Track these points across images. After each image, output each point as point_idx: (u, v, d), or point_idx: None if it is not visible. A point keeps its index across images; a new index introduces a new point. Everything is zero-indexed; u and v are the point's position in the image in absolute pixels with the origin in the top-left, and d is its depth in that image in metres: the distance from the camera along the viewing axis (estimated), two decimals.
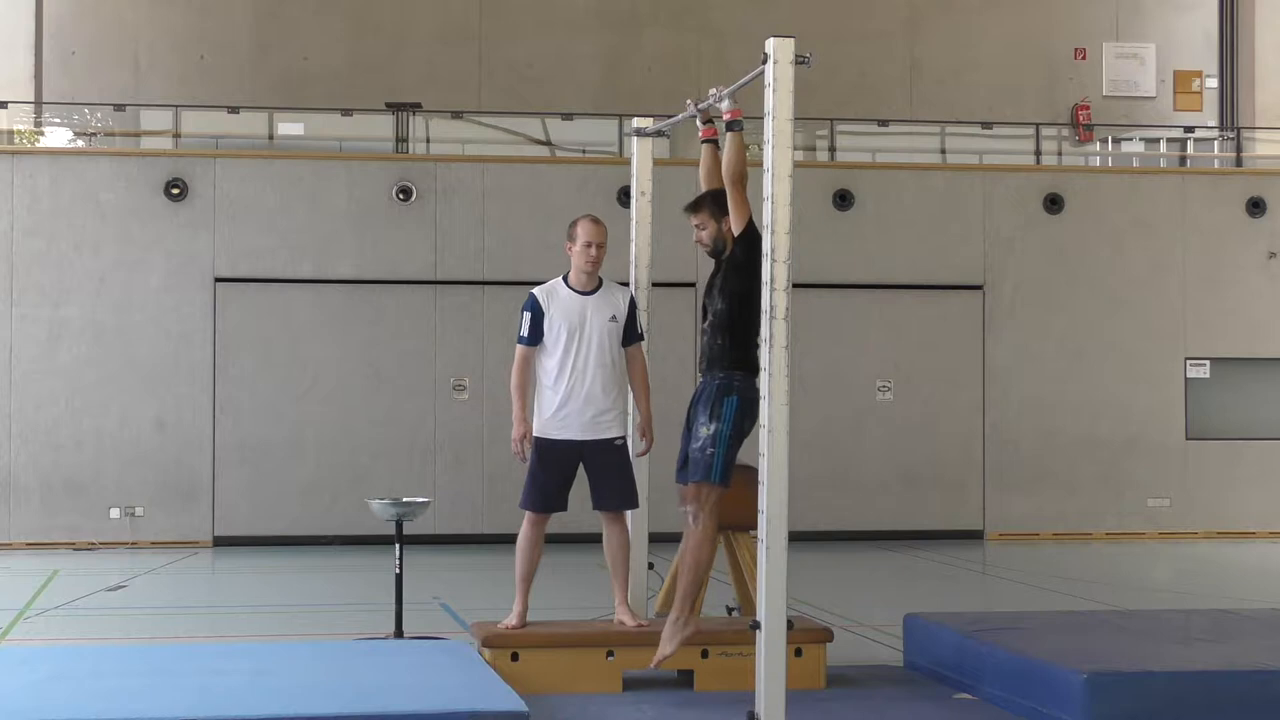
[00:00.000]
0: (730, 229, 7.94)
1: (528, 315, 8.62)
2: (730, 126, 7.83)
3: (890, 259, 17.32)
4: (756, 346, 7.39)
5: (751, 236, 7.74)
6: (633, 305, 8.74)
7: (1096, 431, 17.52)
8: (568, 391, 8.53)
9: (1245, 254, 17.87)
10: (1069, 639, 8.34)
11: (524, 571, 8.64)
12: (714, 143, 8.41)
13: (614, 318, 8.62)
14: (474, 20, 19.65)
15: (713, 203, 8.08)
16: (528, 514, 8.65)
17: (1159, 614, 10.17)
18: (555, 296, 8.64)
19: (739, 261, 7.87)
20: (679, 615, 7.99)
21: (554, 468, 8.57)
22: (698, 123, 8.56)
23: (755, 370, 7.55)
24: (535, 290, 8.70)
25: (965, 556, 15.98)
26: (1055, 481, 17.44)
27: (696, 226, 8.17)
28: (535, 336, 8.59)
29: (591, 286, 8.66)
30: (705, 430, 7.89)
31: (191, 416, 16.27)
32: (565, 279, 8.70)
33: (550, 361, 8.57)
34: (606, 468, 8.60)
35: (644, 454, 8.84)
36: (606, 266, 8.75)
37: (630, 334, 8.70)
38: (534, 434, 8.59)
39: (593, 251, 8.61)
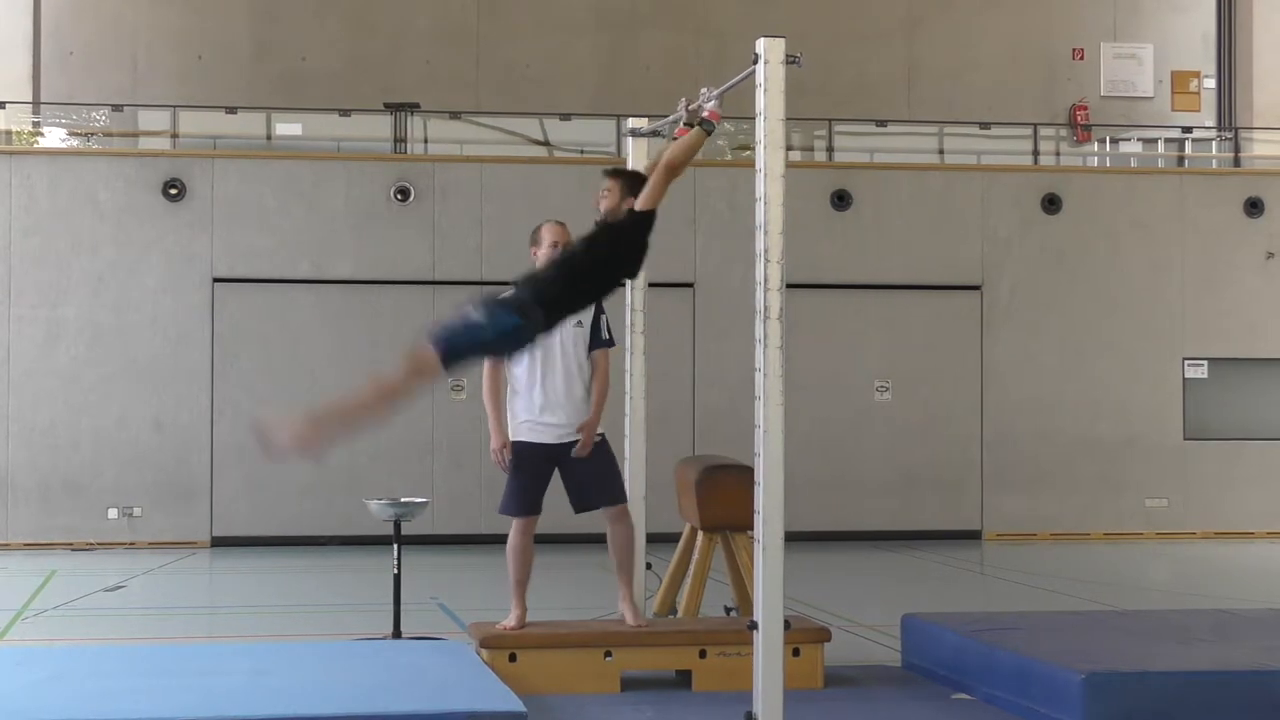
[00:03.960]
0: (628, 206, 7.42)
1: None
2: (703, 124, 7.53)
3: (888, 259, 17.31)
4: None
5: (648, 221, 7.32)
6: (599, 311, 8.69)
7: (1094, 432, 17.51)
8: (539, 397, 8.52)
9: (1243, 254, 17.86)
10: (1067, 639, 8.34)
11: (518, 576, 8.61)
12: None
13: (580, 323, 8.57)
14: (472, 21, 19.64)
15: (631, 179, 7.66)
16: (515, 520, 8.63)
17: (1158, 614, 10.17)
18: None
19: (620, 231, 7.37)
20: None
21: (530, 471, 8.56)
22: (682, 124, 8.41)
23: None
24: None
25: (963, 557, 15.98)
26: (1053, 482, 17.43)
27: (605, 191, 7.63)
28: None
29: None
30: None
31: (190, 417, 16.26)
32: None
33: (518, 369, 8.57)
34: (586, 469, 8.57)
35: (580, 455, 8.57)
36: None
37: (595, 340, 8.66)
38: (510, 439, 8.59)
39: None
